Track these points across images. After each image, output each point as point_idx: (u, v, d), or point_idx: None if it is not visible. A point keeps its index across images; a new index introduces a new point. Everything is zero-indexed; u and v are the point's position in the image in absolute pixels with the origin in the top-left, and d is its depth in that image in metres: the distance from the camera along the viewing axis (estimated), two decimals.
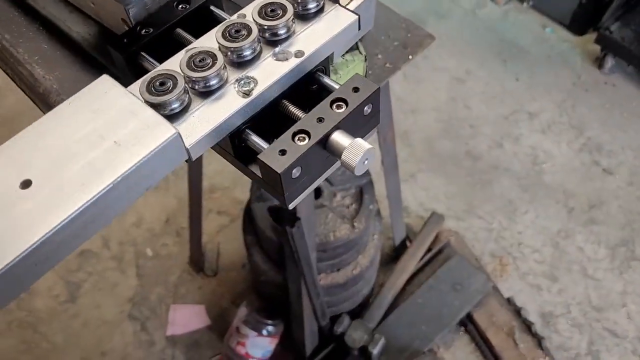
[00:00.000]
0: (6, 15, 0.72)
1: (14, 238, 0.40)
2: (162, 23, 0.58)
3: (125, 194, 0.45)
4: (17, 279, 0.40)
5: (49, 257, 0.42)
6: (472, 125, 2.35)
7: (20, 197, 0.42)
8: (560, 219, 2.10)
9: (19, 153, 0.45)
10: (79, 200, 0.42)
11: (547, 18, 2.66)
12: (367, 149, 0.48)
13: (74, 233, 0.43)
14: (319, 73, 0.55)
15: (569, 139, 2.30)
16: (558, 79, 2.47)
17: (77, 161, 0.44)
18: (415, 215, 2.13)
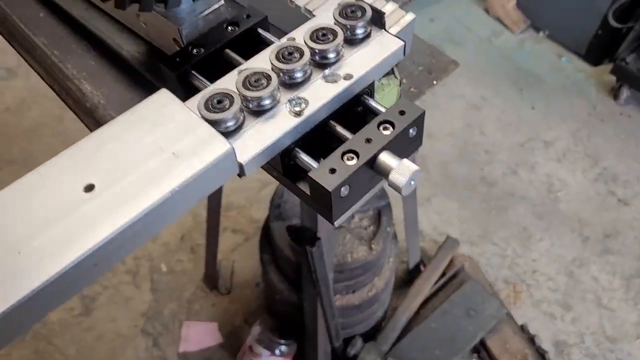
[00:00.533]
0: (56, 32, 0.74)
1: (77, 239, 0.42)
2: (212, 44, 0.60)
3: (180, 203, 0.46)
4: (78, 278, 0.42)
5: (107, 259, 0.43)
6: (487, 151, 2.36)
7: (83, 200, 0.44)
8: (575, 248, 2.10)
9: (84, 158, 0.47)
10: (139, 206, 0.44)
11: (563, 48, 2.69)
12: (414, 170, 0.49)
13: (131, 237, 0.44)
14: (365, 95, 0.56)
15: (584, 168, 2.30)
16: (574, 109, 2.49)
17: (137, 169, 0.46)
18: (429, 239, 2.13)
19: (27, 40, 0.75)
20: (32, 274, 0.40)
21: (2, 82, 2.57)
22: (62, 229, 0.42)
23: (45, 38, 0.74)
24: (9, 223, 0.43)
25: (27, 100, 2.49)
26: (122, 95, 0.69)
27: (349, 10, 0.56)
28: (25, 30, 0.75)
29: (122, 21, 0.69)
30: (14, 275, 0.40)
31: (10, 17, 0.76)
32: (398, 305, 1.87)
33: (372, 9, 0.56)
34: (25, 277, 0.40)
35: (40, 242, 0.41)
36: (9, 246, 0.41)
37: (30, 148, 2.34)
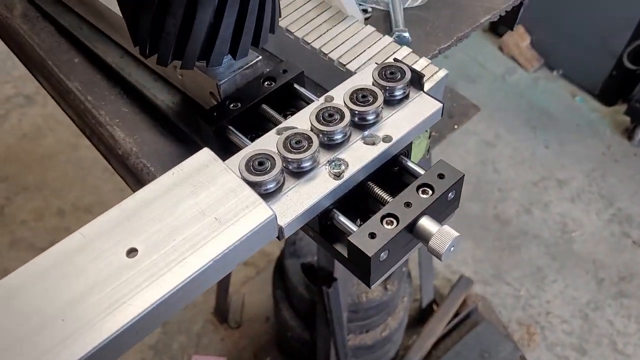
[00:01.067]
0: (90, 78, 0.75)
1: (120, 307, 0.41)
2: (249, 99, 0.60)
3: (220, 269, 0.46)
4: (119, 346, 0.42)
5: (148, 326, 0.43)
6: (500, 189, 2.36)
7: (126, 265, 0.44)
8: (589, 290, 2.08)
9: (126, 219, 0.46)
10: (181, 275, 0.43)
11: (577, 87, 2.70)
12: (455, 236, 0.49)
13: (171, 304, 0.44)
14: (402, 156, 0.56)
15: (598, 209, 2.29)
16: (587, 148, 2.49)
17: (179, 234, 0.45)
18: (442, 277, 2.11)
19: (61, 85, 0.76)
20: (76, 342, 0.39)
21: (20, 109, 2.60)
22: (105, 296, 0.42)
23: (79, 83, 0.75)
24: (53, 288, 0.42)
25: (43, 127, 2.52)
26: (155, 143, 0.69)
27: (388, 71, 0.56)
28: (59, 75, 0.76)
29: (158, 71, 0.69)
30: (58, 344, 0.39)
31: (45, 62, 0.77)
32: (410, 345, 1.85)
33: (412, 71, 0.56)
34: (69, 345, 0.39)
35: (83, 309, 0.41)
36: (53, 312, 0.41)
37: (45, 175, 2.35)
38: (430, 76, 0.68)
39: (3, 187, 2.33)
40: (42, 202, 2.28)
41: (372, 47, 0.71)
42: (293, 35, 0.73)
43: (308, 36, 0.73)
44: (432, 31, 0.82)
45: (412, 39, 0.79)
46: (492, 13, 0.86)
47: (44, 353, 0.39)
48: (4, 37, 0.91)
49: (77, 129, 0.79)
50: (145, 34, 0.55)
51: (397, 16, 0.84)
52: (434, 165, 0.53)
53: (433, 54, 0.79)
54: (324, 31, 0.73)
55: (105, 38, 0.73)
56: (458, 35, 0.82)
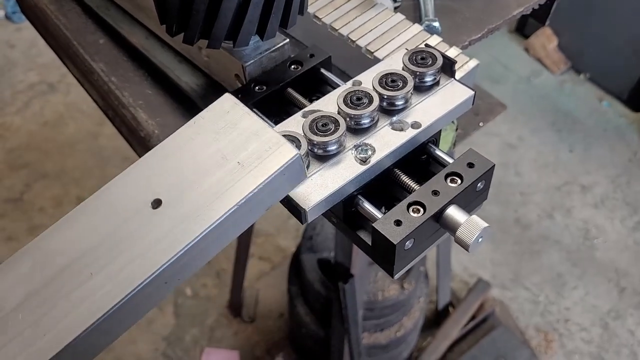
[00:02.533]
0: (114, 60, 0.74)
1: (148, 256, 0.41)
2: (275, 82, 0.59)
3: (247, 214, 0.45)
4: (149, 298, 0.41)
5: (177, 275, 0.42)
6: (522, 193, 2.32)
7: (152, 216, 0.43)
8: (611, 299, 2.03)
9: (149, 173, 0.46)
10: (206, 221, 0.42)
11: (603, 92, 2.65)
12: (483, 227, 0.47)
13: (199, 252, 0.43)
14: (430, 144, 0.55)
15: (622, 216, 2.24)
16: (613, 154, 2.44)
17: (202, 182, 0.44)
18: (459, 279, 2.08)
19: (85, 65, 0.75)
20: (104, 295, 0.39)
21: (43, 97, 2.62)
22: (132, 248, 0.41)
23: (104, 64, 0.74)
24: (82, 244, 0.42)
25: (64, 115, 2.53)
26: (178, 126, 0.67)
27: (419, 56, 0.54)
28: (84, 56, 0.75)
29: (182, 52, 0.68)
30: (87, 298, 0.39)
31: (71, 42, 0.77)
32: (425, 347, 1.82)
33: (443, 57, 0.54)
34: (98, 299, 0.39)
35: (112, 264, 0.40)
36: (81, 267, 0.40)
37: (65, 163, 2.37)
38: (461, 66, 0.66)
39: (23, 173, 2.35)
40: (61, 189, 2.29)
41: (401, 35, 0.69)
42: (321, 21, 0.72)
43: (336, 22, 0.71)
44: (463, 22, 0.80)
45: (442, 30, 0.77)
46: (525, 6, 0.84)
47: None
48: (31, 17, 0.91)
49: (97, 118, 0.79)
50: (173, 11, 0.53)
51: (427, 6, 0.82)
52: (464, 154, 0.51)
53: (463, 44, 0.77)
54: (353, 18, 0.71)
55: (131, 19, 0.72)
56: (489, 27, 0.80)
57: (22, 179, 2.34)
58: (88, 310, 0.38)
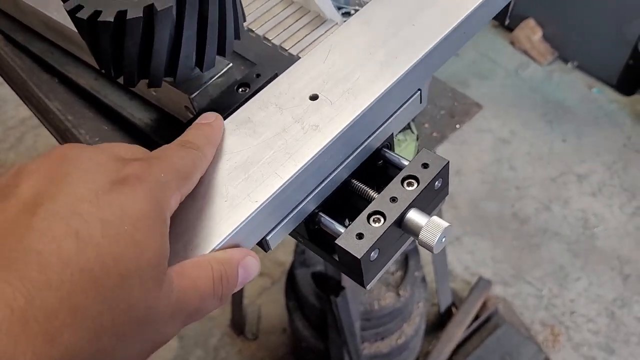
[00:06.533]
0: (70, 98, 0.74)
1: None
2: (224, 108, 0.59)
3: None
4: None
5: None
6: (518, 187, 2.30)
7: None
8: (615, 287, 2.01)
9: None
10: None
11: (593, 78, 2.63)
12: (444, 227, 0.46)
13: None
14: (385, 149, 0.54)
15: (621, 203, 2.22)
16: (607, 140, 2.42)
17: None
18: (460, 279, 2.07)
19: (41, 105, 0.76)
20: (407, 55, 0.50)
21: (35, 130, 2.64)
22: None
23: (59, 103, 0.74)
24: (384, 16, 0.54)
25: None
26: None
27: None
28: (39, 95, 0.76)
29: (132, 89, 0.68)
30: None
31: (27, 83, 0.77)
32: (430, 351, 1.81)
33: None
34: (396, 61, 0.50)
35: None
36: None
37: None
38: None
39: None
40: None
41: None
42: (271, 42, 0.71)
43: (286, 43, 0.71)
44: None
45: None
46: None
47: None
48: None
49: None
50: (107, 57, 0.53)
51: None
52: (417, 155, 0.51)
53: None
54: (302, 37, 0.71)
55: (78, 60, 0.72)
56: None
57: None
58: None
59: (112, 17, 0.47)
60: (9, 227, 0.30)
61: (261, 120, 0.49)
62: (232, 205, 0.43)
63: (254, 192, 0.44)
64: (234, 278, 0.39)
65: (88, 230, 0.31)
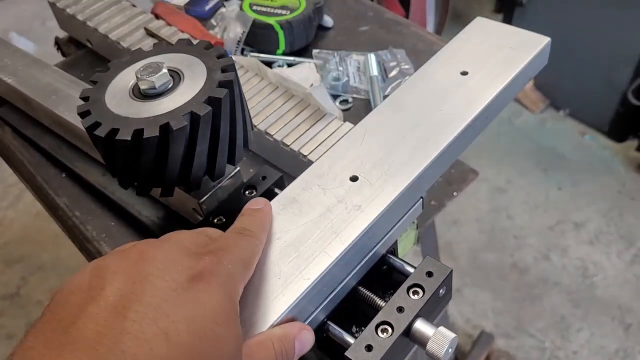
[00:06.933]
0: (77, 192, 0.76)
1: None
2: (232, 211, 0.60)
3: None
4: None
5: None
6: (516, 236, 2.31)
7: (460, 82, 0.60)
8: (617, 338, 2.00)
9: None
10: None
11: (585, 125, 2.67)
12: (451, 338, 0.48)
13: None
14: (389, 255, 0.56)
15: (619, 250, 2.23)
16: (602, 188, 2.44)
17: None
18: (462, 332, 2.06)
19: (49, 200, 0.77)
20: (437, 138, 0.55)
21: None
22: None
23: (67, 198, 0.76)
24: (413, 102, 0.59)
25: None
26: None
27: None
28: (47, 190, 0.77)
29: None
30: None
31: (35, 177, 0.79)
32: None
33: None
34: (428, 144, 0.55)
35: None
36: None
37: (59, 253, 2.37)
38: None
39: (19, 267, 2.36)
40: (57, 280, 2.29)
41: None
42: (272, 137, 0.74)
43: (287, 138, 0.73)
44: None
45: None
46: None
47: None
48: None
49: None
50: (121, 169, 0.55)
51: (378, 102, 0.84)
52: (422, 263, 0.53)
53: None
54: (303, 132, 0.74)
55: (86, 156, 0.74)
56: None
57: (18, 273, 2.35)
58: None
59: (129, 136, 0.49)
60: (103, 331, 0.32)
61: (306, 200, 0.52)
62: (286, 283, 0.46)
63: (306, 270, 0.47)
64: (292, 352, 0.42)
65: (175, 330, 0.33)
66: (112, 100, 0.52)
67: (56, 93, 0.74)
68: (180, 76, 0.53)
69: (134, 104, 0.51)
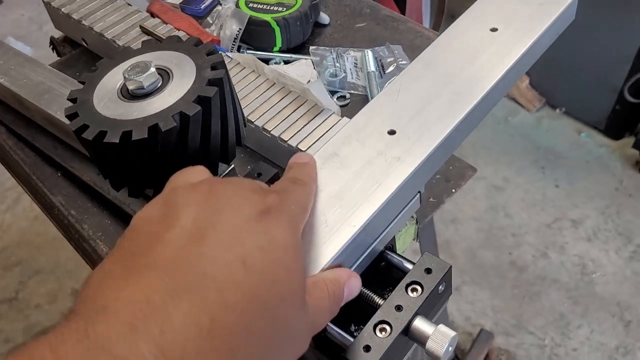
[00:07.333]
0: (73, 192, 0.76)
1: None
2: None
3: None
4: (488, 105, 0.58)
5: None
6: (514, 234, 2.31)
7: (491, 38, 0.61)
8: (617, 334, 2.00)
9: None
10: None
11: (581, 124, 2.68)
12: (451, 336, 0.47)
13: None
14: (387, 251, 0.55)
15: (617, 247, 2.23)
16: (599, 185, 2.44)
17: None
18: (462, 331, 2.05)
19: (45, 199, 0.77)
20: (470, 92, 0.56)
21: None
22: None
23: (62, 197, 0.75)
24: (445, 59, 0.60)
25: None
26: None
27: None
28: (43, 190, 0.77)
29: None
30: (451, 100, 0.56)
31: (30, 177, 0.78)
32: None
33: None
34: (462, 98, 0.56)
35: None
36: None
37: (57, 256, 2.36)
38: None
39: (17, 271, 2.35)
40: (56, 283, 2.28)
41: None
42: (270, 133, 0.73)
43: (284, 134, 0.73)
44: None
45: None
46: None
47: None
48: None
49: None
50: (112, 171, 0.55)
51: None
52: (420, 260, 0.52)
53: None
54: (300, 127, 0.73)
55: (82, 156, 0.73)
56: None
57: (16, 277, 2.34)
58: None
59: (117, 138, 0.48)
60: (182, 254, 0.33)
61: (346, 154, 0.53)
62: (332, 230, 0.48)
63: (351, 217, 0.48)
64: (342, 296, 0.44)
65: (251, 257, 0.34)
66: (100, 101, 0.51)
67: (49, 92, 0.73)
68: (169, 75, 0.52)
69: (122, 105, 0.50)
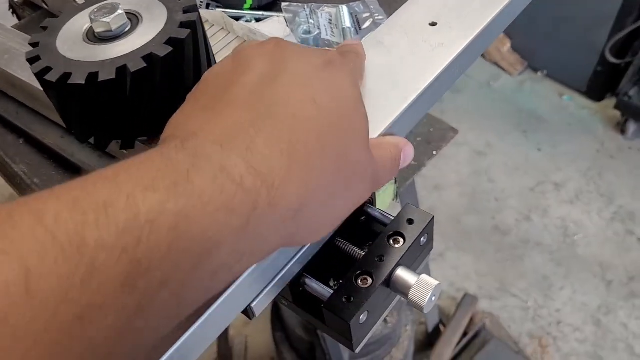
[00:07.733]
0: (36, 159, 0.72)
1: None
2: None
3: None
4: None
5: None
6: (497, 198, 2.31)
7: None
8: (599, 294, 2.02)
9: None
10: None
11: (563, 86, 2.67)
12: (434, 285, 0.45)
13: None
14: (367, 204, 0.53)
15: (599, 209, 2.24)
16: (581, 147, 2.45)
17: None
18: (446, 296, 2.06)
19: (7, 169, 0.73)
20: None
21: None
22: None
23: (25, 166, 0.71)
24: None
25: None
26: None
27: None
28: (5, 159, 0.73)
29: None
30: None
31: None
32: None
33: None
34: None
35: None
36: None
37: None
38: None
39: None
40: None
41: None
42: None
43: None
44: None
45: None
46: None
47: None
48: None
49: None
50: (76, 119, 0.51)
51: None
52: (402, 211, 0.50)
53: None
54: None
55: (44, 119, 0.69)
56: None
57: None
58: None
59: (82, 79, 0.44)
60: (257, 92, 0.36)
61: (391, 42, 0.55)
62: (388, 101, 0.50)
63: (404, 91, 0.50)
64: (399, 161, 0.45)
65: (320, 97, 0.36)
66: (64, 44, 0.47)
67: (8, 52, 0.69)
68: (139, 19, 0.48)
69: (88, 48, 0.46)
